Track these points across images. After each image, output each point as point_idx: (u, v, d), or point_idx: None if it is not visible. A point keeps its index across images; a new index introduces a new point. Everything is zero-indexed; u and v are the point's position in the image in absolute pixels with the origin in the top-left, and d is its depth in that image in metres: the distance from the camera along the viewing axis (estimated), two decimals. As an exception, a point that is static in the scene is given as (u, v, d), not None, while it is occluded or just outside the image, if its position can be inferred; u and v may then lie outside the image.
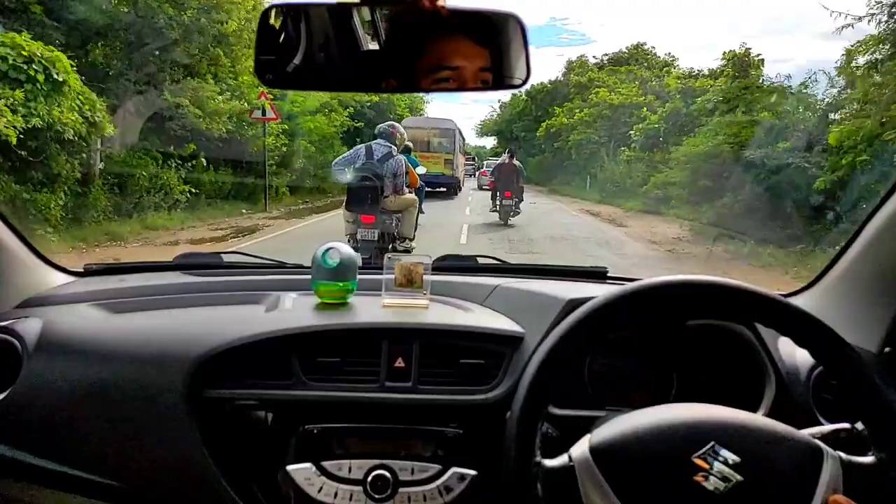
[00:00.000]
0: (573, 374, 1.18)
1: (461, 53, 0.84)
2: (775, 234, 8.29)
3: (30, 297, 1.29)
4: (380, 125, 5.54)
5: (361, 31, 0.86)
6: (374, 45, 0.86)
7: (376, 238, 5.07)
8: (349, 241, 5.18)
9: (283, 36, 0.87)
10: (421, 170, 6.38)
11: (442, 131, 19.05)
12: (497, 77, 0.86)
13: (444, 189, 18.28)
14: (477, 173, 29.88)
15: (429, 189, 10.82)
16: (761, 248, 8.27)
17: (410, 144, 7.28)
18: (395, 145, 5.25)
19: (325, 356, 1.12)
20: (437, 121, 20.26)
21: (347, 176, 5.09)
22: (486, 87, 0.86)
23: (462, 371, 1.12)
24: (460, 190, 20.55)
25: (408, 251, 5.32)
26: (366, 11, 0.86)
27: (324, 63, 0.87)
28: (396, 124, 5.53)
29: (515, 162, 11.90)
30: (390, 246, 5.22)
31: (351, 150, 5.42)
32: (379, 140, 5.22)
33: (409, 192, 5.52)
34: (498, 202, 11.70)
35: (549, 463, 0.78)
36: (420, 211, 6.20)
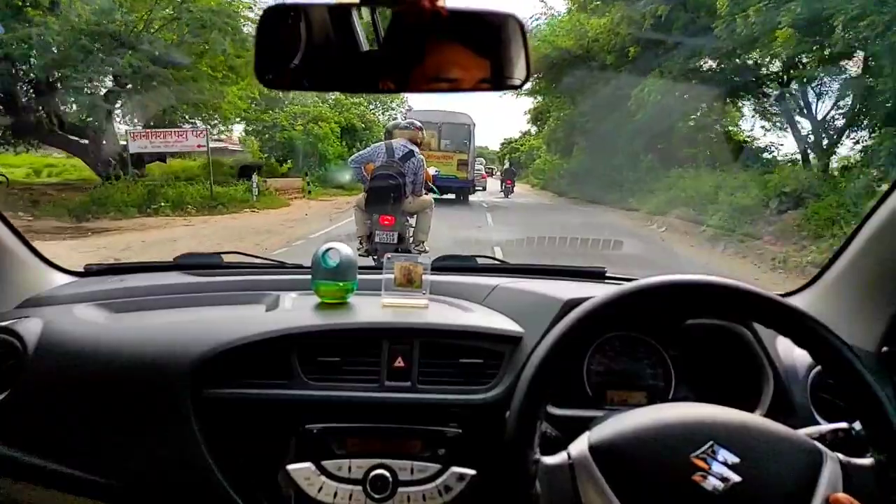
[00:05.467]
0: (572, 374, 1.18)
1: (459, 64, 0.85)
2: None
3: (30, 297, 1.29)
4: (399, 121, 5.26)
5: (361, 31, 0.86)
6: (374, 46, 0.86)
7: (396, 240, 4.79)
8: (361, 242, 4.98)
9: (282, 36, 0.87)
10: (432, 170, 5.87)
11: (455, 127, 15.70)
12: (497, 78, 0.86)
13: (454, 195, 15.35)
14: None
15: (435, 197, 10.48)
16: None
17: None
18: (418, 144, 5.00)
19: (325, 356, 1.12)
20: (449, 114, 15.72)
21: (365, 174, 4.86)
22: (484, 89, 0.87)
23: (461, 371, 1.12)
24: (474, 191, 17.80)
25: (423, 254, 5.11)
26: (365, 12, 0.87)
27: (323, 64, 0.87)
28: (417, 122, 5.23)
29: (513, 168, 24.60)
30: (405, 250, 4.88)
31: (369, 148, 5.16)
32: (399, 138, 4.97)
33: (426, 194, 5.26)
34: (503, 187, 22.03)
35: (547, 460, 0.78)
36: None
